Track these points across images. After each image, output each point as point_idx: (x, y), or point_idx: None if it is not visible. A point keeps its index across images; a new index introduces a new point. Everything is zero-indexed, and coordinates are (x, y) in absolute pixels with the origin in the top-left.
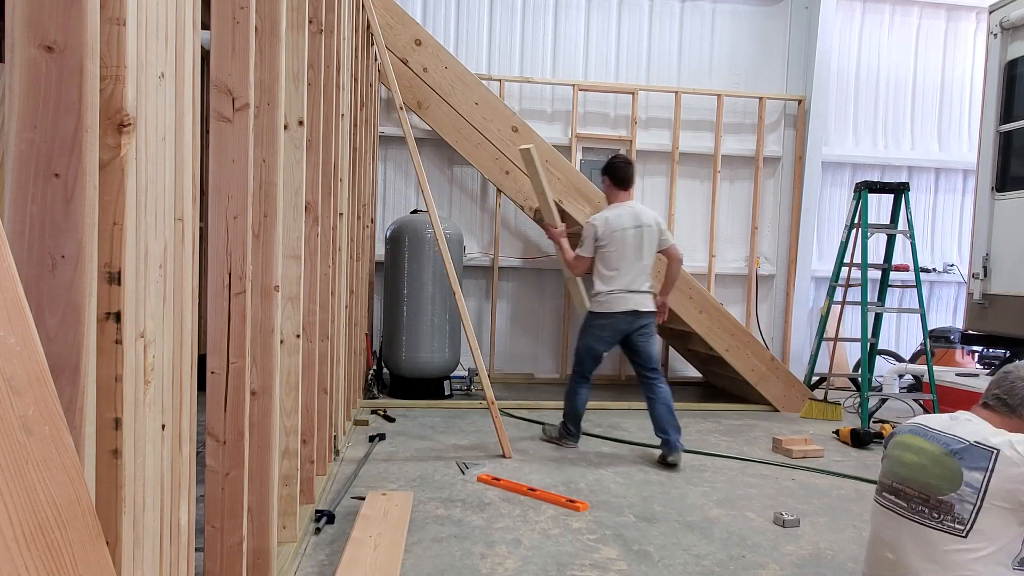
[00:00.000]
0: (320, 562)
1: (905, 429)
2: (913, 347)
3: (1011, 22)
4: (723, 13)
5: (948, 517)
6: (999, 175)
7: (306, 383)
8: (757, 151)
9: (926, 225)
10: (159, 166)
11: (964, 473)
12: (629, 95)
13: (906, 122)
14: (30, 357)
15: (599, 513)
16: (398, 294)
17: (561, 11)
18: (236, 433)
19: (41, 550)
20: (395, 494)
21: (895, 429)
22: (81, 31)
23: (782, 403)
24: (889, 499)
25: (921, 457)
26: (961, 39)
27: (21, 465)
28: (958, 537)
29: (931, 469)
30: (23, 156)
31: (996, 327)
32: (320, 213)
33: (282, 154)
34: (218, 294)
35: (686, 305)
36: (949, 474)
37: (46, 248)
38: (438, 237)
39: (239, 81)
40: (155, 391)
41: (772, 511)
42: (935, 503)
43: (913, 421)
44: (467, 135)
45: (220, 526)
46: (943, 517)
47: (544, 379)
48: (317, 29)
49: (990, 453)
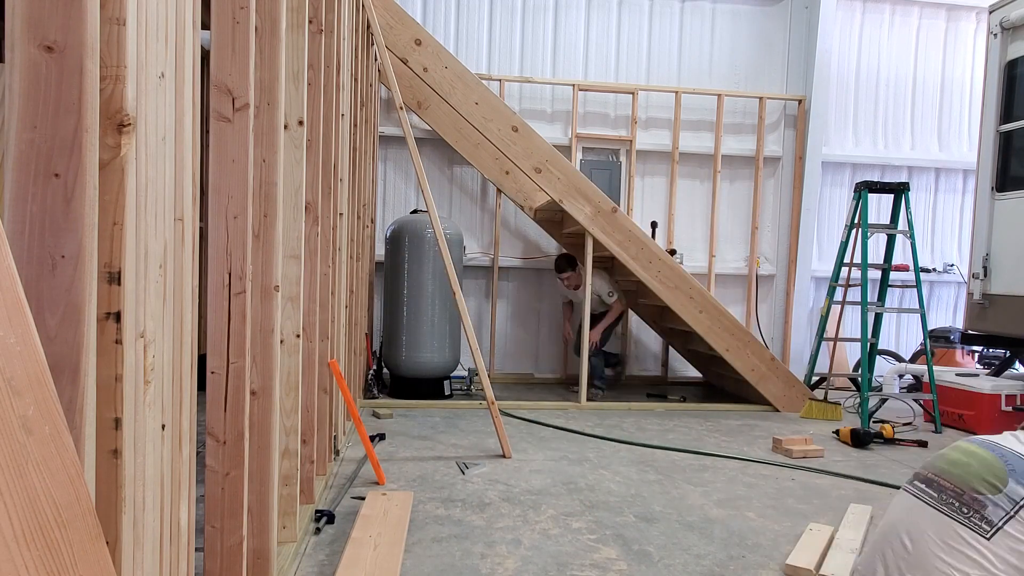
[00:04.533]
0: (320, 562)
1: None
2: (913, 347)
3: (1011, 22)
4: (723, 13)
5: (976, 515)
6: (999, 175)
7: (306, 383)
8: (757, 151)
9: (926, 225)
10: (159, 166)
11: (1010, 482)
12: (629, 95)
13: (906, 122)
14: (30, 357)
15: (599, 513)
16: (398, 294)
17: (561, 11)
18: (236, 433)
19: (41, 550)
20: (395, 494)
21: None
22: (81, 31)
23: (782, 403)
24: (919, 487)
25: (970, 459)
26: (961, 39)
27: (21, 465)
28: (981, 537)
29: (975, 468)
30: (23, 156)
31: (996, 327)
32: (320, 213)
33: (282, 154)
34: (218, 294)
35: (686, 305)
36: (993, 477)
37: (46, 248)
38: (438, 237)
39: (239, 81)
40: (155, 391)
41: (772, 511)
42: (968, 499)
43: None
44: (467, 135)
45: (220, 526)
46: (971, 514)
47: (544, 379)
48: (317, 29)
49: None
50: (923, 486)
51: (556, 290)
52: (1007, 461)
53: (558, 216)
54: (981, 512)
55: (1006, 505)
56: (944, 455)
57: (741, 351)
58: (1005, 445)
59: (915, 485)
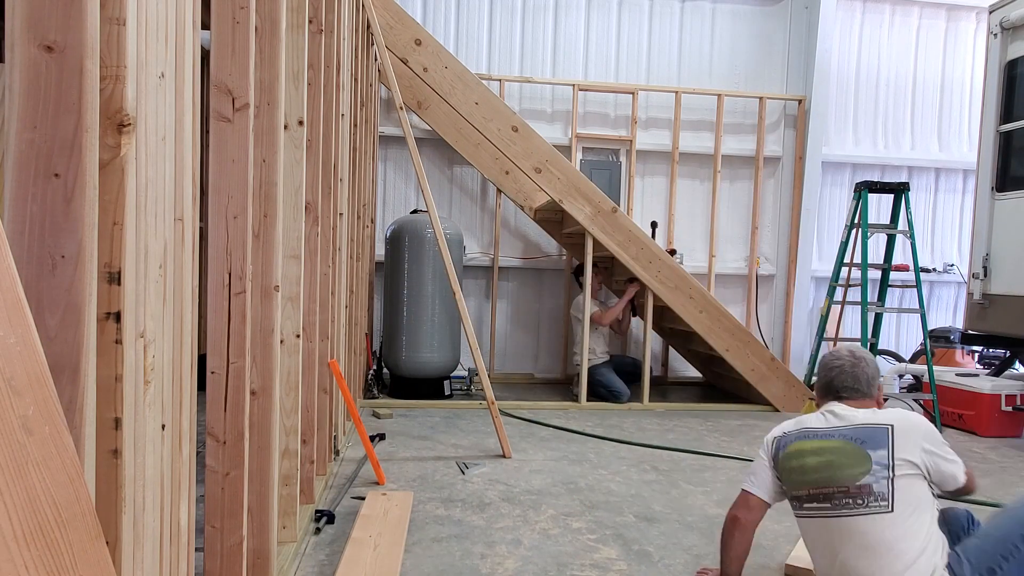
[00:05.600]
0: (320, 562)
1: (789, 440)
2: (913, 347)
3: (1011, 22)
4: (723, 13)
5: (871, 498)
6: (999, 175)
7: (306, 383)
8: (757, 151)
9: (926, 225)
10: (159, 166)
11: (871, 454)
12: (629, 95)
13: (906, 122)
14: (30, 357)
15: (599, 513)
16: (398, 294)
17: (561, 11)
18: (236, 433)
19: (41, 550)
20: (395, 494)
21: (776, 445)
22: (81, 31)
23: (782, 403)
24: (811, 507)
25: (824, 455)
26: (961, 39)
27: (21, 465)
28: (886, 514)
29: (839, 460)
30: (23, 156)
31: (996, 327)
32: (320, 213)
33: (282, 154)
34: (218, 294)
35: (686, 305)
36: (858, 460)
37: (46, 248)
38: (438, 237)
39: (239, 81)
40: (155, 391)
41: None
42: (855, 490)
43: (787, 431)
44: (467, 135)
45: (220, 526)
46: (867, 500)
47: (544, 379)
48: (317, 29)
49: (885, 429)
50: (814, 504)
51: (556, 290)
52: (853, 439)
53: (558, 216)
54: (872, 493)
55: (882, 473)
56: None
57: (741, 351)
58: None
59: (806, 508)
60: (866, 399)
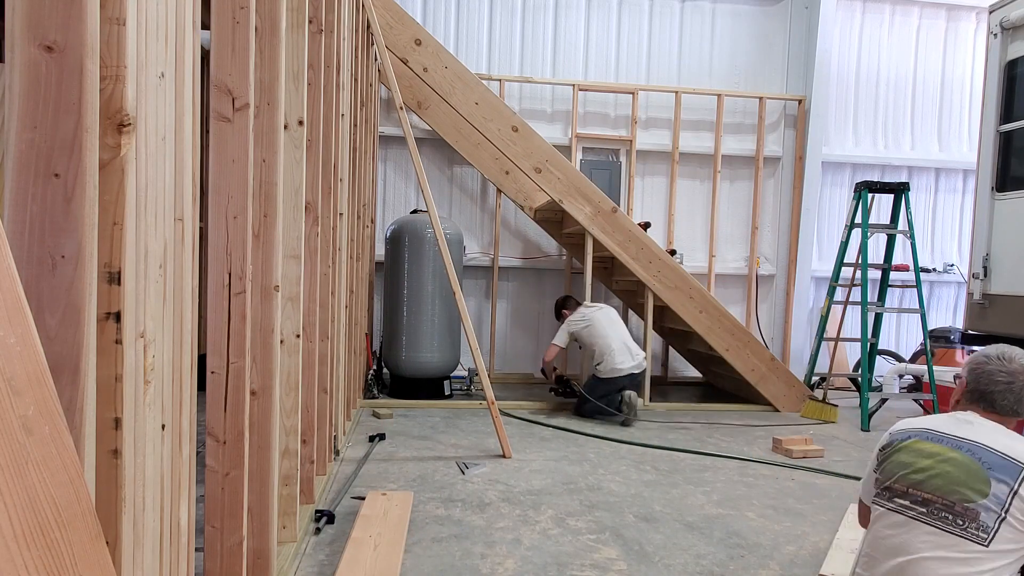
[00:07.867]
0: (320, 562)
1: (909, 435)
2: (913, 347)
3: (1011, 22)
4: (723, 13)
5: (972, 525)
6: (999, 175)
7: (306, 383)
8: (757, 151)
9: (926, 225)
10: (159, 166)
11: (992, 484)
12: (629, 95)
13: (906, 122)
14: (30, 357)
15: (599, 513)
16: (398, 294)
17: (561, 11)
18: (236, 433)
19: (41, 550)
20: (395, 494)
21: (892, 436)
22: (81, 31)
23: (782, 403)
24: (902, 503)
25: (941, 463)
26: (961, 39)
27: (21, 465)
28: (980, 546)
29: (956, 475)
30: (23, 156)
31: (996, 327)
32: (320, 213)
33: (282, 154)
34: (218, 294)
35: (686, 305)
36: (976, 481)
37: (46, 248)
38: (438, 237)
39: (239, 81)
40: (155, 391)
41: (772, 511)
42: (960, 510)
43: (913, 426)
44: (467, 135)
45: (220, 526)
46: (967, 524)
47: (544, 379)
48: (317, 29)
49: (1019, 469)
50: (906, 502)
51: (556, 291)
52: (980, 459)
53: (558, 216)
54: (976, 521)
55: (995, 508)
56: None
57: (741, 351)
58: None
59: (897, 503)
60: (1012, 418)
